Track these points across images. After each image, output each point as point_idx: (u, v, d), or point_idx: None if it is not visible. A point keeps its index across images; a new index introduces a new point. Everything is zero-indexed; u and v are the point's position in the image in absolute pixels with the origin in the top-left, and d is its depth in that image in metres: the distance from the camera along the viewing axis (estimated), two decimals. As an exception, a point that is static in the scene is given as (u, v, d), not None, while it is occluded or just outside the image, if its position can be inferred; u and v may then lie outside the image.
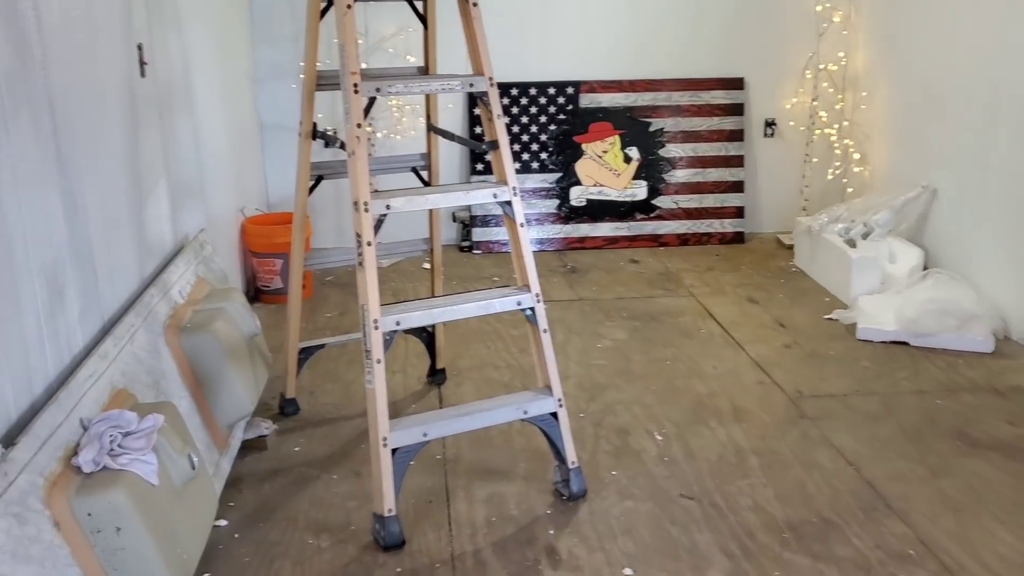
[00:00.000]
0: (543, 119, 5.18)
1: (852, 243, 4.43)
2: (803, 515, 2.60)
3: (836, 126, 5.16)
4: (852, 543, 2.46)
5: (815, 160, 5.27)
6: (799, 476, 2.81)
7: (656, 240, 5.26)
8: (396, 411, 3.13)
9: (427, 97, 3.18)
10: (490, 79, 2.57)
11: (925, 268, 4.29)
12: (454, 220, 5.21)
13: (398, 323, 2.44)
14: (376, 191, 2.57)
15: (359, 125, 2.41)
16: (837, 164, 5.19)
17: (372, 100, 2.95)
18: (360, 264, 2.38)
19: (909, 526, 2.54)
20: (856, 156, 5.11)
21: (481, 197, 2.58)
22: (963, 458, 2.91)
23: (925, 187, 4.47)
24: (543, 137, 5.19)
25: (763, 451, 2.97)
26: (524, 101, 5.16)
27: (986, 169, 4.03)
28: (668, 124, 5.23)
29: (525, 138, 5.18)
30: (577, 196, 5.22)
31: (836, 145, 5.18)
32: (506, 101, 5.13)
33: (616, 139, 5.22)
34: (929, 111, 4.46)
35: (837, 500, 2.67)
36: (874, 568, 2.36)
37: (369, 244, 2.38)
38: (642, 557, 2.41)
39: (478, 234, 5.15)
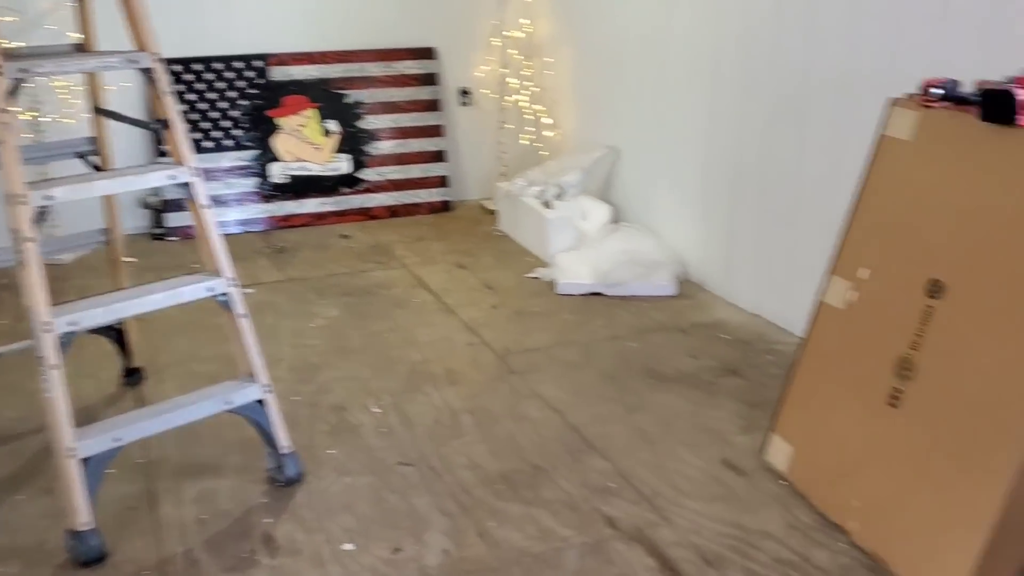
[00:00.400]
0: (232, 94, 4.96)
1: (548, 204, 4.65)
2: (515, 465, 2.71)
3: (527, 92, 5.39)
4: (560, 485, 2.61)
5: (510, 126, 5.47)
6: (510, 429, 2.93)
7: (365, 213, 5.24)
8: (91, 417, 2.88)
9: (91, 76, 2.93)
10: (154, 54, 2.40)
11: (616, 223, 4.60)
12: (145, 207, 4.88)
13: (74, 324, 2.24)
14: (43, 180, 2.33)
15: (5, 110, 2.17)
16: (530, 129, 5.42)
17: (19, 82, 2.66)
18: (21, 263, 2.16)
19: (610, 461, 2.73)
20: (547, 121, 5.36)
21: (156, 180, 2.42)
22: (654, 393, 3.17)
23: (610, 147, 4.78)
24: (235, 113, 4.97)
25: (476, 409, 3.06)
26: (210, 76, 4.91)
27: (659, 128, 4.38)
28: (365, 96, 5.20)
29: (215, 115, 4.94)
30: (278, 173, 5.07)
31: (528, 111, 5.41)
32: (190, 77, 4.86)
33: (313, 112, 5.12)
34: (608, 75, 4.76)
35: (545, 447, 2.82)
36: (579, 505, 2.51)
37: (30, 240, 2.16)
38: (362, 530, 2.41)
39: (173, 219, 4.86)
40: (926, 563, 2.14)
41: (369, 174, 5.24)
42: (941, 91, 2.30)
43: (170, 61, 4.80)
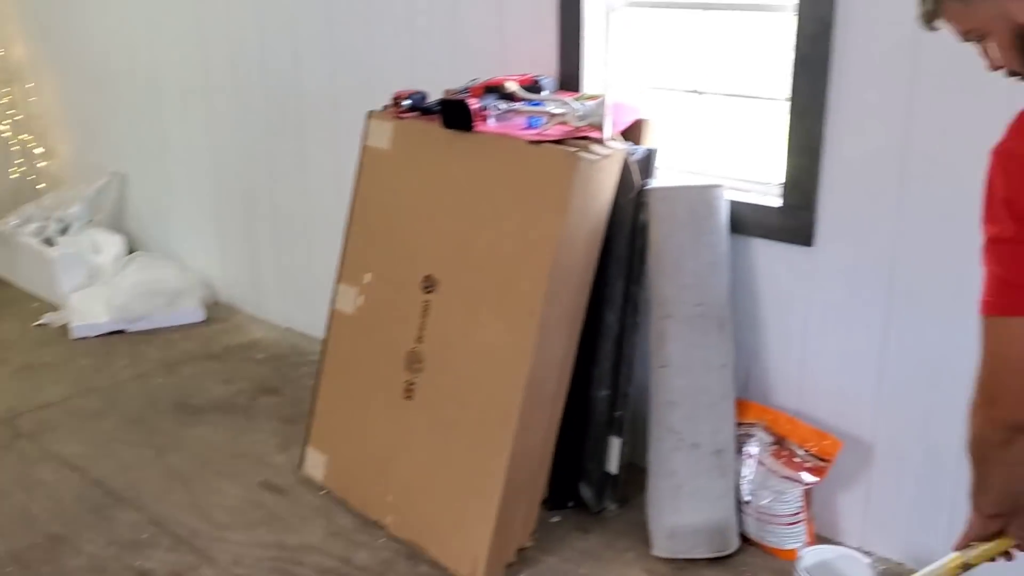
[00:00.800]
0: None
1: (51, 241, 4.23)
2: (29, 540, 2.42)
3: (8, 122, 4.82)
4: (84, 550, 2.38)
5: (-7, 160, 4.86)
6: (21, 501, 2.61)
7: None
8: None
9: None
10: None
11: (132, 253, 4.32)
12: None
13: None
14: None
15: None
16: (19, 162, 4.87)
17: None
18: None
19: (141, 511, 2.55)
20: (39, 150, 4.85)
21: None
22: (187, 428, 3.03)
23: (115, 173, 4.47)
24: None
25: (-24, 488, 2.68)
26: None
27: (164, 151, 4.17)
28: None
29: None
30: None
31: (14, 141, 4.85)
32: None
33: None
34: (102, 97, 4.43)
35: (64, 512, 2.55)
36: (108, 566, 2.32)
37: None
38: None
39: None
40: (453, 539, 2.30)
41: None
42: (409, 102, 2.47)
43: None
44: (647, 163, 2.41)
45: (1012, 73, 1.26)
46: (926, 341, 2.14)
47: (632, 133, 2.41)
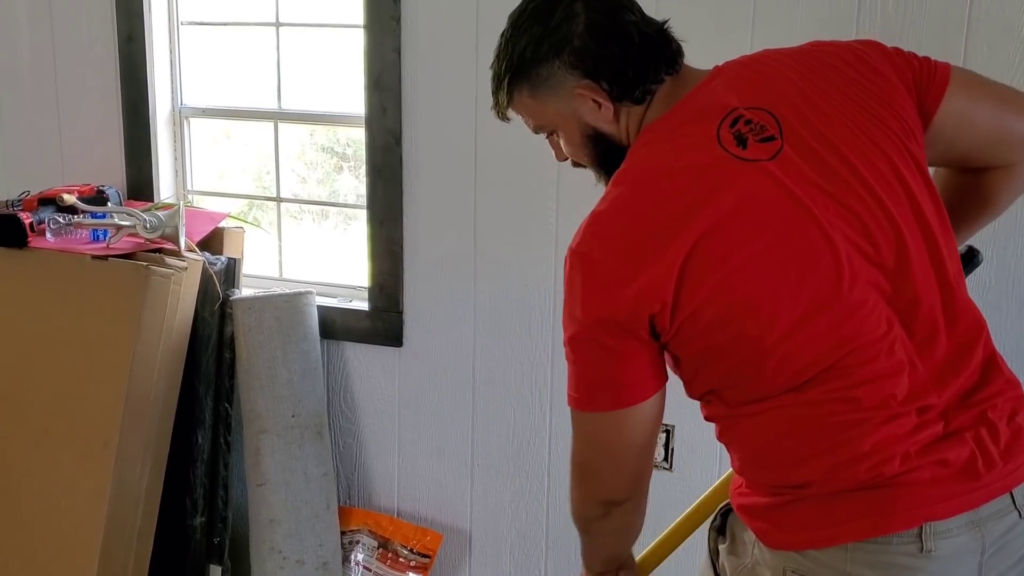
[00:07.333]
0: None
1: None
2: None
3: None
4: None
5: None
6: None
7: None
8: None
9: None
10: None
11: None
12: None
13: None
14: None
15: None
16: None
17: None
18: None
19: None
20: None
21: None
22: None
23: None
24: None
25: None
26: None
27: None
28: None
29: None
30: None
31: None
32: None
33: None
34: None
35: None
36: None
37: None
38: None
39: None
40: None
41: None
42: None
43: None
44: (230, 273, 2.32)
45: (576, 164, 1.34)
46: (507, 425, 2.27)
47: (213, 243, 2.33)
